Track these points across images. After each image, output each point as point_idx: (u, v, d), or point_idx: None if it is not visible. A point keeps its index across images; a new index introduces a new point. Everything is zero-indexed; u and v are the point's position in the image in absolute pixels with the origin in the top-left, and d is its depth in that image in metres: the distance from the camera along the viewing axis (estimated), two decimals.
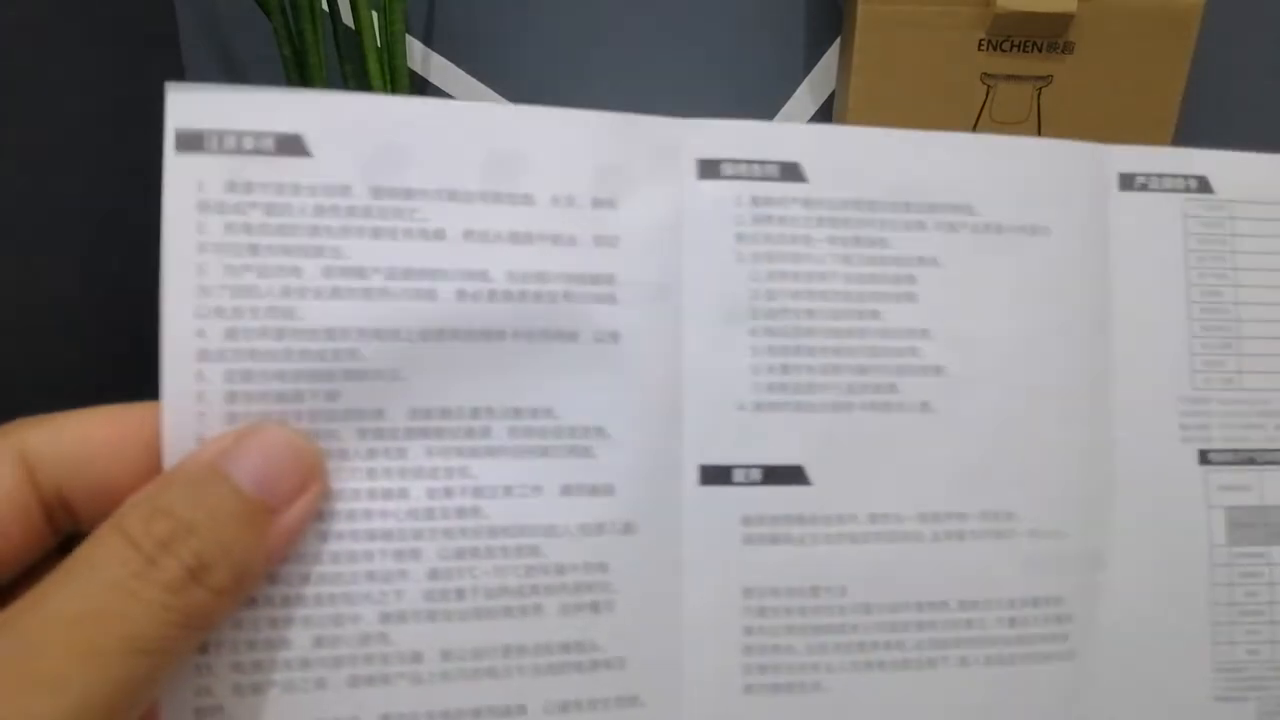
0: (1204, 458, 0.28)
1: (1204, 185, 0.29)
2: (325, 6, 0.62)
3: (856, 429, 0.26)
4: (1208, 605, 0.28)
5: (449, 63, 0.71)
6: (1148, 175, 0.29)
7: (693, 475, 0.26)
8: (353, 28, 0.61)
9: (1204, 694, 0.28)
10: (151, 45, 0.73)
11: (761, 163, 0.26)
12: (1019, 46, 0.44)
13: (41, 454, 0.22)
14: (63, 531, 0.23)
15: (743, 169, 0.26)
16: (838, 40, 0.64)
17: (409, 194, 0.24)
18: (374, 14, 0.60)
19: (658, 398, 0.25)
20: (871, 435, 0.26)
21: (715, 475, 0.26)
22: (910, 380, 0.27)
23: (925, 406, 0.27)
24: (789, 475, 0.26)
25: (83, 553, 0.20)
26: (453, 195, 0.24)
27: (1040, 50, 0.44)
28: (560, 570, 0.25)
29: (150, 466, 0.22)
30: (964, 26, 0.43)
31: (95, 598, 0.19)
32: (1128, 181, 0.29)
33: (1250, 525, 0.29)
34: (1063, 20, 0.42)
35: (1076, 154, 0.28)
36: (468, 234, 0.24)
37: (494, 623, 0.24)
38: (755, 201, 0.26)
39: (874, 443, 0.26)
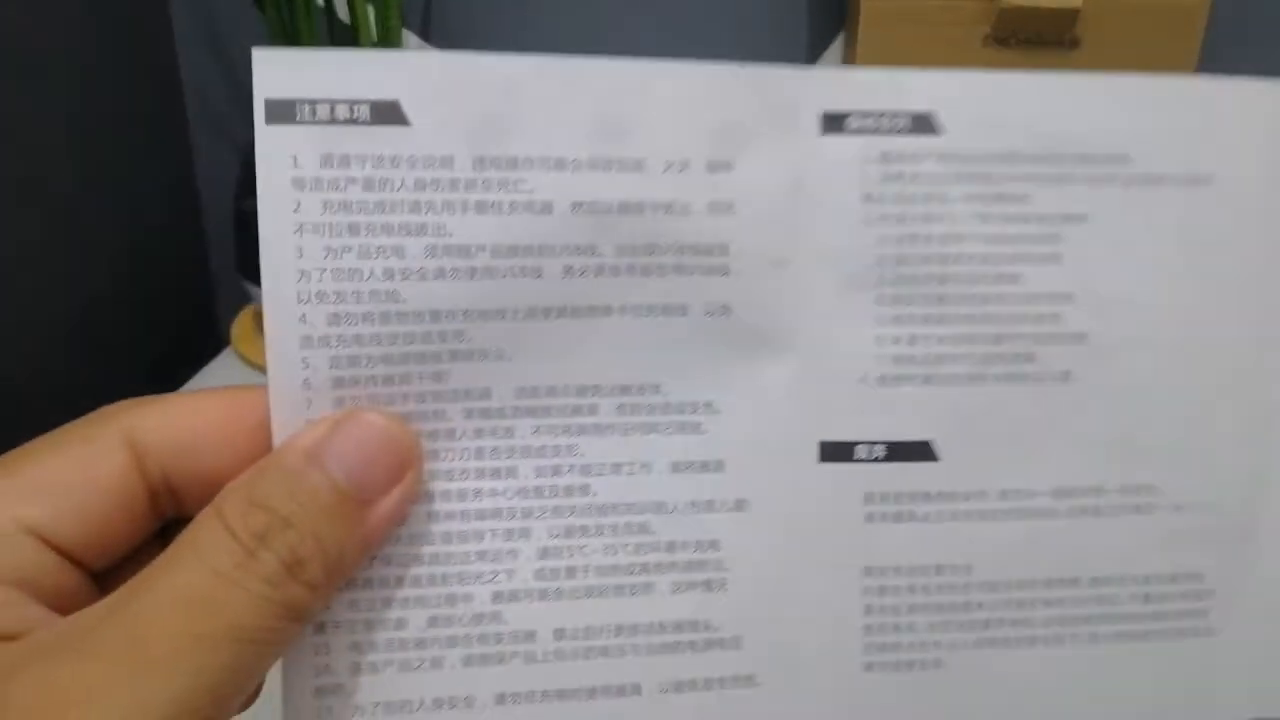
0: None
1: None
2: (320, 1, 0.60)
3: (990, 402, 0.25)
4: None
5: None
6: None
7: (812, 451, 0.25)
8: (348, 23, 0.59)
9: None
10: (145, 42, 0.72)
11: (891, 114, 0.24)
12: (1024, 42, 0.40)
13: (149, 439, 0.22)
14: (165, 517, 0.23)
15: (870, 122, 0.24)
16: (841, 36, 0.59)
17: (514, 164, 0.23)
18: (369, 9, 0.57)
19: (773, 372, 0.24)
20: (1006, 408, 0.25)
21: (836, 452, 0.25)
22: (1051, 349, 0.25)
23: (1066, 376, 0.25)
24: (915, 451, 0.25)
25: (188, 538, 0.20)
26: (560, 164, 0.23)
27: (1045, 46, 0.40)
28: (671, 548, 0.24)
29: (259, 454, 0.22)
30: (968, 22, 0.40)
31: (202, 585, 0.20)
32: None
33: None
34: (1068, 16, 0.39)
35: (1253, 93, 0.25)
36: (575, 206, 0.23)
37: (606, 601, 0.24)
38: (884, 158, 0.24)
39: (1008, 416, 0.25)
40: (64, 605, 0.21)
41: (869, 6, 0.42)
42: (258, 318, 0.67)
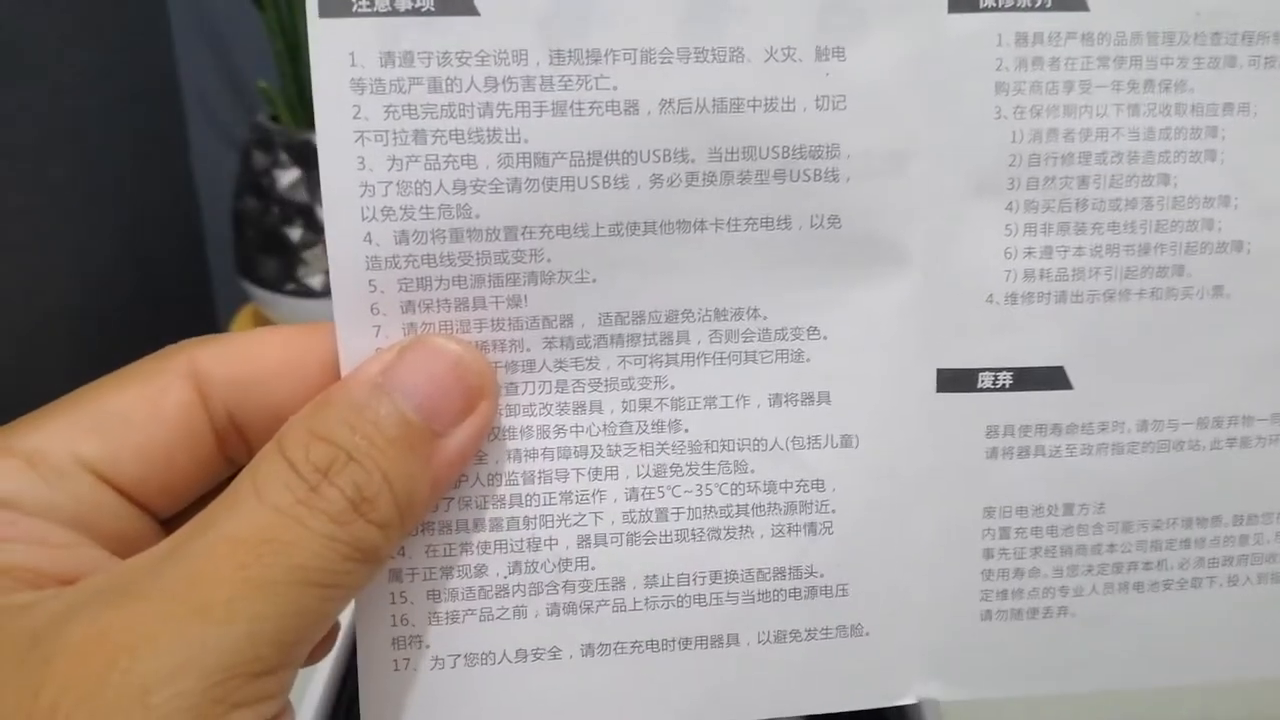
0: None
1: None
2: None
3: (1132, 321, 0.22)
4: None
5: None
6: None
7: (928, 380, 0.22)
8: None
9: None
10: (144, 41, 0.69)
11: None
12: None
13: (213, 374, 0.20)
14: (236, 462, 0.21)
15: None
16: None
17: (595, 57, 0.20)
18: None
19: (886, 291, 0.22)
20: (1150, 328, 0.22)
21: (956, 380, 0.22)
22: (1203, 260, 0.22)
23: (1219, 291, 0.22)
24: (1046, 378, 0.22)
25: (247, 475, 0.19)
26: (647, 56, 0.20)
27: None
28: (771, 488, 0.22)
29: (327, 386, 0.20)
30: None
31: (262, 525, 0.18)
32: None
33: None
34: None
35: None
36: (665, 104, 0.20)
37: (700, 545, 0.22)
38: (1020, 39, 0.21)
39: (1152, 337, 0.22)
40: (128, 551, 0.19)
41: None
42: (257, 317, 0.65)
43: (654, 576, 0.22)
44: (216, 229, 0.76)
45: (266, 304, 0.61)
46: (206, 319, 0.79)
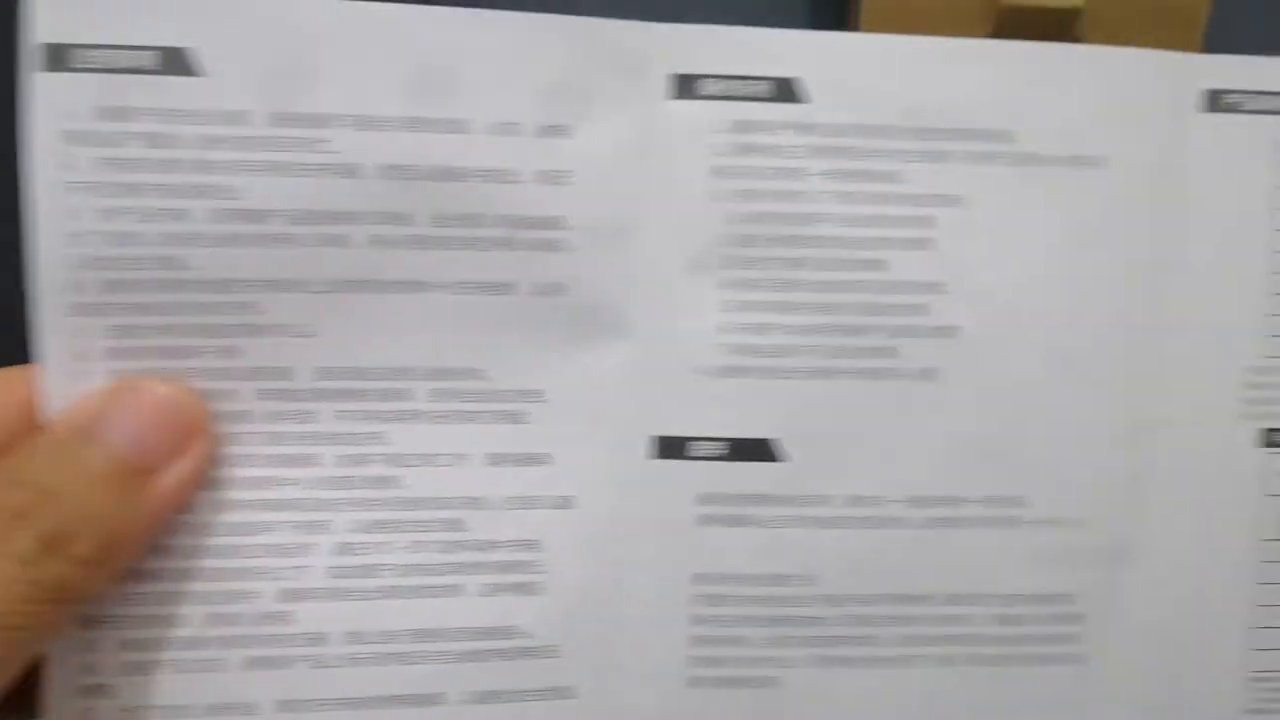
0: (1267, 439, 0.24)
1: None
2: None
3: (842, 399, 0.23)
4: (1247, 608, 0.24)
5: None
6: (1242, 93, 0.23)
7: (643, 447, 0.23)
8: None
9: (1234, 707, 0.25)
10: None
11: (750, 79, 0.22)
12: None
13: None
14: None
15: (725, 86, 0.22)
16: None
17: (317, 121, 0.20)
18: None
19: (607, 358, 0.22)
20: (860, 406, 0.23)
21: (670, 448, 0.23)
22: (915, 342, 0.23)
23: (929, 374, 0.23)
24: (756, 450, 0.23)
25: None
26: (370, 122, 0.21)
27: None
28: (486, 547, 0.22)
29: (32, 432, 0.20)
30: (969, 22, 0.38)
31: None
32: (1214, 100, 0.23)
33: None
34: (1069, 16, 0.36)
35: (1152, 66, 0.23)
36: (386, 169, 0.21)
37: (408, 603, 0.22)
38: (738, 127, 0.22)
39: (862, 415, 0.23)
40: None
41: (870, 6, 0.40)
42: None
43: (357, 633, 0.22)
44: None
45: None
46: None
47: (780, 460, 0.23)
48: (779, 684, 0.23)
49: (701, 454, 0.23)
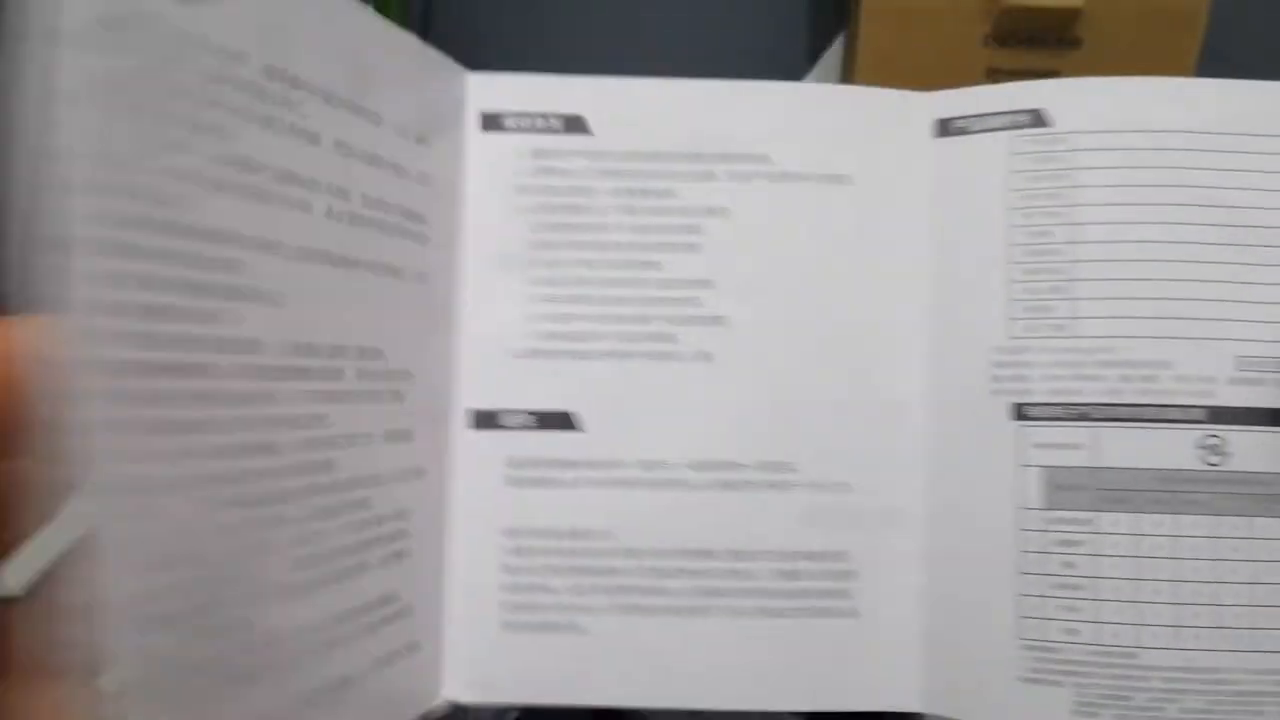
0: (1018, 412, 0.27)
1: (1038, 119, 0.27)
2: None
3: (633, 378, 0.27)
4: (1013, 575, 0.27)
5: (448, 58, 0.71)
6: (969, 118, 0.28)
7: (464, 419, 0.27)
8: None
9: (1009, 674, 0.26)
10: None
11: (545, 115, 0.27)
12: (1024, 42, 0.43)
13: None
14: None
15: (525, 122, 0.27)
16: (843, 34, 0.61)
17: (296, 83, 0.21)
18: (368, 7, 0.61)
19: (444, 342, 0.26)
20: (648, 384, 0.27)
21: (485, 419, 0.27)
22: (691, 330, 0.27)
23: (705, 356, 0.27)
24: (559, 421, 0.27)
25: None
26: (328, 98, 0.22)
27: (1046, 46, 0.43)
28: (380, 521, 0.24)
29: None
30: (969, 22, 0.43)
31: None
32: (945, 127, 0.28)
33: (1075, 488, 0.27)
34: (1069, 16, 0.41)
35: (884, 102, 0.28)
36: (338, 144, 0.23)
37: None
38: (536, 154, 0.27)
39: (650, 391, 0.27)
40: None
41: (870, 6, 0.44)
42: None
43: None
44: None
45: None
46: None
47: (580, 430, 0.27)
48: (585, 630, 0.26)
49: (512, 424, 0.27)
